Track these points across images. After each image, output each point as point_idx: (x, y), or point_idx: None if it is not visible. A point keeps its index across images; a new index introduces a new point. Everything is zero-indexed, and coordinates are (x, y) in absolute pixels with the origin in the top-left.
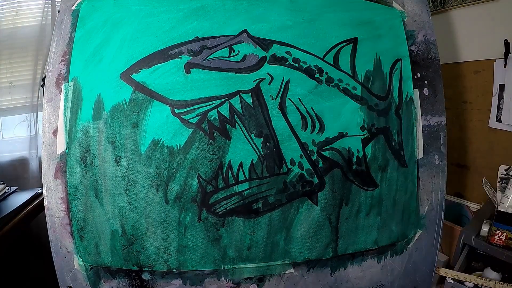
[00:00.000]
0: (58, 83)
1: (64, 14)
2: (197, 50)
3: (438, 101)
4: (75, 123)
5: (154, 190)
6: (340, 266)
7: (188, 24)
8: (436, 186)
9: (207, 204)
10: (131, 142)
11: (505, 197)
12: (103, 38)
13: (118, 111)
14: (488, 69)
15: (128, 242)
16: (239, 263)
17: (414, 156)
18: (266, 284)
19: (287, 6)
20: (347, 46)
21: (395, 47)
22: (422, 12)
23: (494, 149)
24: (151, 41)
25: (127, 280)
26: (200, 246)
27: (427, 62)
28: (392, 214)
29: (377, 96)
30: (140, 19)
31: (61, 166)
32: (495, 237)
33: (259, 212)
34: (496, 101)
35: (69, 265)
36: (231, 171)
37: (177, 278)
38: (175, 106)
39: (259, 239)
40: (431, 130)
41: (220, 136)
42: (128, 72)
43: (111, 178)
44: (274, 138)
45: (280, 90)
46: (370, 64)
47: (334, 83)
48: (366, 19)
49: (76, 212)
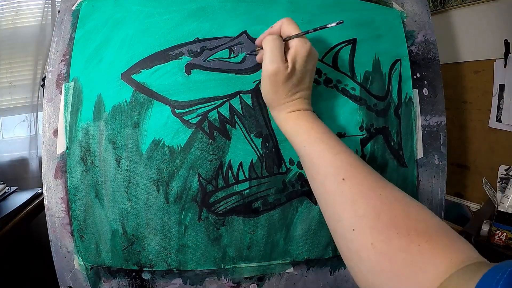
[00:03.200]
0: (58, 83)
1: (64, 14)
2: (198, 51)
3: (438, 101)
4: (76, 123)
5: (154, 190)
6: (339, 265)
7: (189, 25)
8: (436, 186)
9: (208, 203)
10: (132, 142)
11: (505, 197)
12: (103, 38)
13: (118, 111)
14: (488, 69)
15: (128, 242)
16: (239, 263)
17: (414, 156)
18: (266, 284)
19: (287, 7)
20: (346, 47)
21: (395, 47)
22: (422, 12)
23: (494, 149)
24: (151, 42)
25: (127, 280)
26: (200, 246)
27: (426, 62)
28: None
29: (376, 96)
30: (140, 20)
31: (61, 166)
32: (495, 237)
33: (259, 211)
34: (496, 101)
35: (69, 265)
36: (231, 170)
37: (177, 278)
38: (175, 106)
39: (259, 238)
40: (430, 130)
41: (220, 136)
42: (128, 72)
43: (112, 178)
44: (273, 138)
45: None
46: (369, 65)
47: (332, 84)
48: (365, 20)
49: (76, 212)
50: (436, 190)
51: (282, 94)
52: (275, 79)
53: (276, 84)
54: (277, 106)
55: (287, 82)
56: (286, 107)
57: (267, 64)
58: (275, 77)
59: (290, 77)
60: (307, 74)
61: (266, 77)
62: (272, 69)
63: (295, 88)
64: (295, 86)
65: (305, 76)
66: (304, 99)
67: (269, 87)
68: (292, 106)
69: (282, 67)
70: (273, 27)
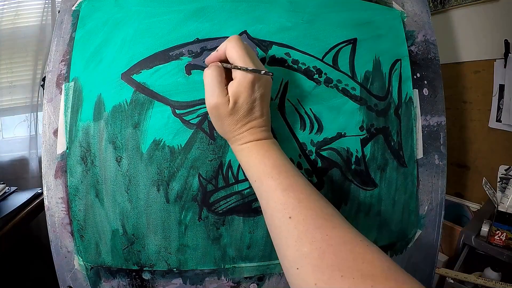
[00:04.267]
0: (58, 83)
1: (64, 14)
2: (198, 52)
3: (438, 101)
4: (76, 123)
5: (155, 190)
6: None
7: (189, 25)
8: (436, 186)
9: (208, 203)
10: (132, 142)
11: (505, 197)
12: (103, 38)
13: (119, 112)
14: (488, 69)
15: (128, 242)
16: (239, 262)
17: (414, 156)
18: (266, 283)
19: (287, 7)
20: (347, 47)
21: (395, 47)
22: (422, 12)
23: (494, 149)
24: (151, 42)
25: (127, 279)
26: (200, 245)
27: (427, 62)
28: (391, 214)
29: (376, 96)
30: (140, 20)
31: (62, 166)
32: (495, 237)
33: (259, 211)
34: (496, 101)
35: (69, 265)
36: (231, 170)
37: (177, 278)
38: (176, 107)
39: (259, 238)
40: (430, 130)
41: (220, 136)
42: (129, 72)
43: (112, 178)
44: (273, 138)
45: (279, 91)
46: (369, 65)
47: (333, 84)
48: (365, 20)
49: (76, 212)
50: (436, 190)
51: (229, 127)
52: (218, 113)
53: (220, 118)
54: (229, 138)
55: (232, 116)
56: (237, 140)
57: (208, 97)
58: (217, 111)
59: (235, 111)
60: (255, 104)
61: (209, 110)
62: (212, 103)
63: (243, 120)
64: (242, 118)
65: (253, 107)
66: (256, 129)
67: (215, 120)
68: (243, 138)
69: (222, 101)
70: (218, 50)
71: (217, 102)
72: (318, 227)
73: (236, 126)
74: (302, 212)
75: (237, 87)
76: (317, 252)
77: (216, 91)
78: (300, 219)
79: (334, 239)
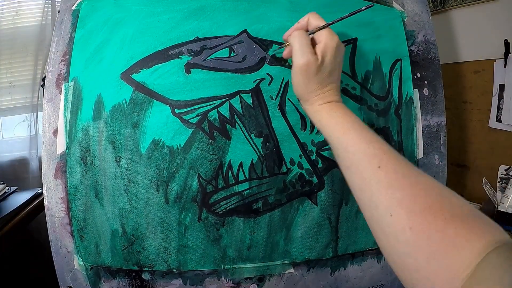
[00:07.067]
0: (58, 83)
1: (64, 14)
2: (197, 50)
3: (438, 101)
4: (75, 123)
5: (154, 190)
6: (340, 266)
7: (188, 24)
8: None
9: (207, 203)
10: (132, 142)
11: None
12: (103, 38)
13: (118, 111)
14: (488, 69)
15: (128, 242)
16: (239, 263)
17: (414, 156)
18: (266, 284)
19: (287, 7)
20: (347, 47)
21: (395, 47)
22: (422, 12)
23: (494, 149)
24: (151, 41)
25: (127, 280)
26: (200, 246)
27: (427, 62)
28: None
29: (377, 96)
30: (140, 19)
31: (61, 166)
32: None
33: (259, 212)
34: (496, 101)
35: (69, 265)
36: (231, 171)
37: (177, 278)
38: (175, 106)
39: (259, 239)
40: (431, 130)
41: (220, 136)
42: (128, 72)
43: (112, 178)
44: (274, 138)
45: (279, 91)
46: (369, 64)
47: None
48: (365, 20)
49: (76, 212)
50: None
51: (313, 86)
52: (306, 72)
53: (308, 77)
54: (309, 98)
55: (318, 74)
56: (318, 99)
57: (297, 58)
58: (306, 70)
59: (321, 69)
60: (336, 67)
61: (298, 70)
62: (303, 61)
63: (326, 80)
64: (326, 78)
65: (334, 69)
66: (335, 91)
67: (301, 80)
68: (324, 98)
69: (312, 59)
70: (300, 22)
71: (308, 59)
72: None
73: (319, 85)
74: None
75: (324, 47)
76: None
77: (306, 50)
78: (389, 168)
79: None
